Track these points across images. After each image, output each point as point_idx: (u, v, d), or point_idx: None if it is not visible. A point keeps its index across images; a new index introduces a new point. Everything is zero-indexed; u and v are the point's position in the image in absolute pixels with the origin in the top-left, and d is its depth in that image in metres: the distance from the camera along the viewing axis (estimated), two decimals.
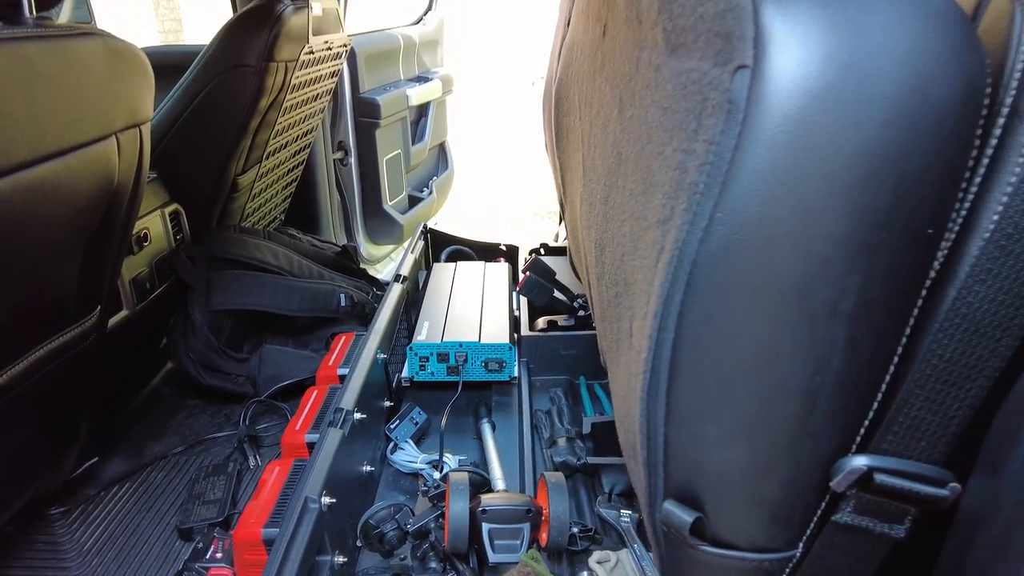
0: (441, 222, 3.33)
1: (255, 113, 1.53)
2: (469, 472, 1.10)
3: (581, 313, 1.60)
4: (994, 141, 0.42)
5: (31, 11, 0.79)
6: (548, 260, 1.63)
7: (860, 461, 0.47)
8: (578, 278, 1.59)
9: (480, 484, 1.13)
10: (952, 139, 0.40)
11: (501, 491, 1.13)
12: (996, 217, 0.41)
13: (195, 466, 1.38)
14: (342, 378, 1.37)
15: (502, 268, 1.82)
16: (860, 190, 0.40)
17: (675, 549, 0.55)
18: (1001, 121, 0.42)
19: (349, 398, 1.12)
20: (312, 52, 1.64)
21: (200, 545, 1.01)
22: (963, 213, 0.44)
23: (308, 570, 0.85)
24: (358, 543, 1.07)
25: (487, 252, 2.04)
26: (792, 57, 0.39)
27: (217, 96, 1.49)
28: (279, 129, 1.71)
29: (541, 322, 1.60)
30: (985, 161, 0.43)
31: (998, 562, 0.40)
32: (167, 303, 1.54)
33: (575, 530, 1.07)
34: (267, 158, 1.74)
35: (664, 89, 0.53)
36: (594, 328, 1.55)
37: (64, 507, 1.24)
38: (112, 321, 1.27)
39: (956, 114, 0.40)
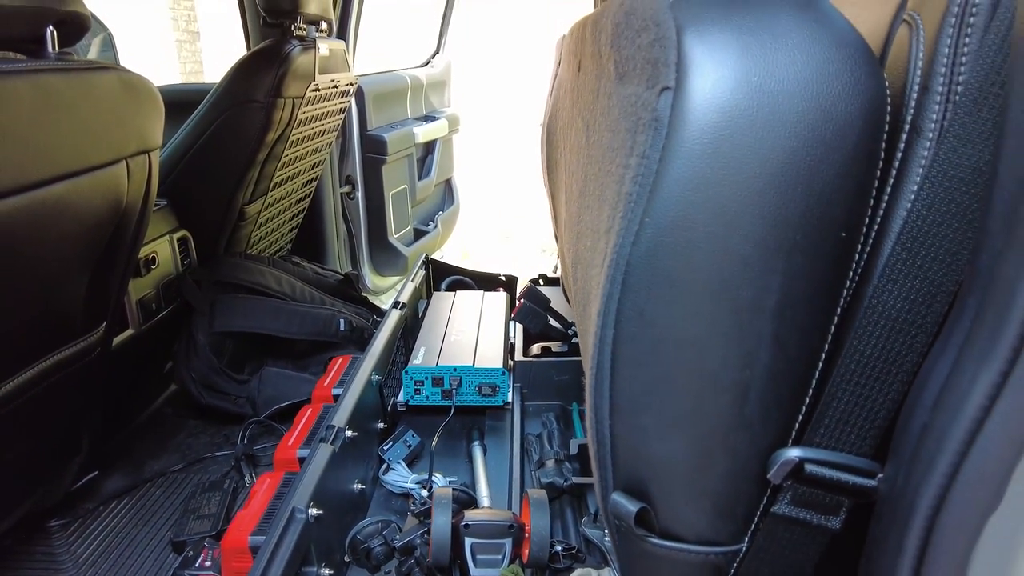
0: (449, 258, 3.40)
1: (262, 146, 1.61)
2: (456, 490, 1.12)
3: (574, 340, 1.63)
4: (899, 155, 0.47)
5: (54, 47, 0.86)
6: (545, 290, 1.68)
7: (792, 453, 0.50)
8: (570, 305, 1.63)
9: (466, 502, 1.16)
10: (856, 151, 0.45)
11: (485, 508, 1.15)
12: (901, 222, 0.46)
13: (193, 483, 1.41)
14: (336, 398, 1.40)
15: (500, 297, 1.86)
16: (772, 195, 0.44)
17: (627, 542, 0.58)
18: (904, 137, 0.47)
19: (341, 416, 1.15)
20: (318, 89, 1.72)
21: (191, 553, 1.04)
22: (878, 220, 0.48)
23: None
24: (346, 559, 1.09)
25: (487, 282, 2.08)
26: (709, 79, 0.44)
27: (227, 129, 1.57)
28: (286, 161, 1.79)
29: (535, 348, 1.64)
30: (893, 173, 0.47)
31: (905, 542, 0.43)
32: (172, 325, 1.60)
33: (559, 548, 1.09)
34: (274, 189, 1.82)
35: (613, 113, 0.58)
36: None
37: (63, 520, 1.27)
38: (117, 339, 1.32)
39: (858, 129, 0.44)
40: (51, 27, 0.84)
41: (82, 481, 1.31)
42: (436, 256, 2.26)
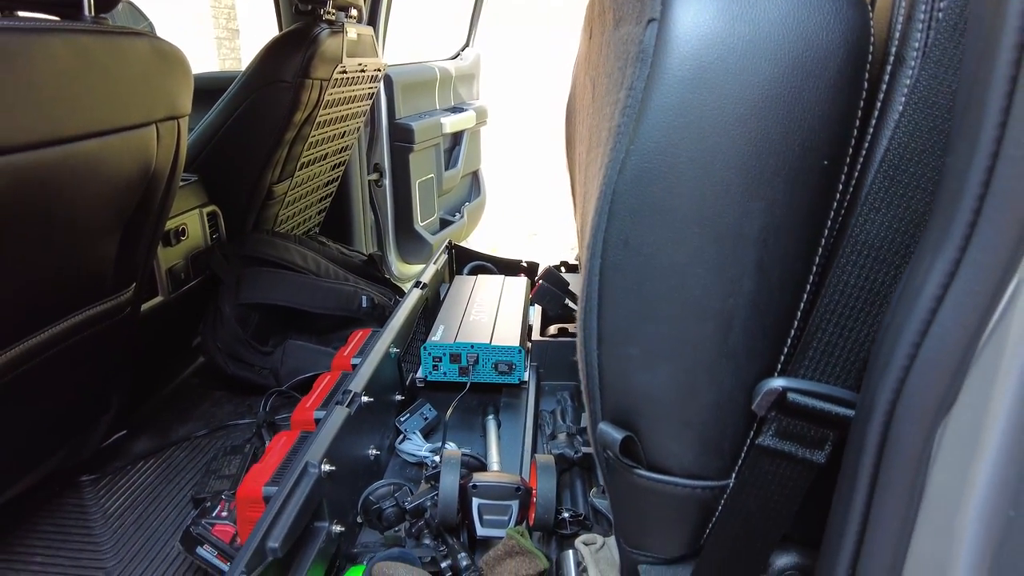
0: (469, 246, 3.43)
1: (290, 126, 1.66)
2: (466, 455, 1.14)
3: None
4: (884, 86, 0.48)
5: (91, 11, 0.91)
6: (567, 276, 1.69)
7: (776, 383, 0.51)
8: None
9: (476, 468, 1.18)
10: (838, 80, 0.46)
11: (495, 469, 1.17)
12: (882, 149, 0.46)
13: (215, 447, 1.46)
14: (355, 366, 1.44)
15: (520, 281, 1.88)
16: (753, 122, 0.45)
17: (616, 475, 0.60)
18: (889, 68, 0.47)
19: (359, 382, 1.18)
20: (345, 72, 1.77)
21: (208, 504, 1.08)
22: (863, 151, 0.49)
23: (302, 530, 0.89)
24: (358, 519, 1.11)
25: (508, 268, 2.10)
26: (691, 8, 0.46)
27: (256, 109, 1.62)
28: (313, 142, 1.83)
29: (553, 329, 1.65)
30: (878, 104, 0.48)
31: (865, 445, 0.43)
32: (200, 297, 1.65)
33: (566, 515, 1.10)
34: (301, 169, 1.87)
35: (610, 59, 0.60)
36: None
37: (93, 475, 1.33)
38: (147, 306, 1.38)
39: (839, 59, 0.45)
40: None
41: (111, 439, 1.36)
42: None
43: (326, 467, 0.96)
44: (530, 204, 5.79)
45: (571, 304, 1.66)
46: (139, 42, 0.96)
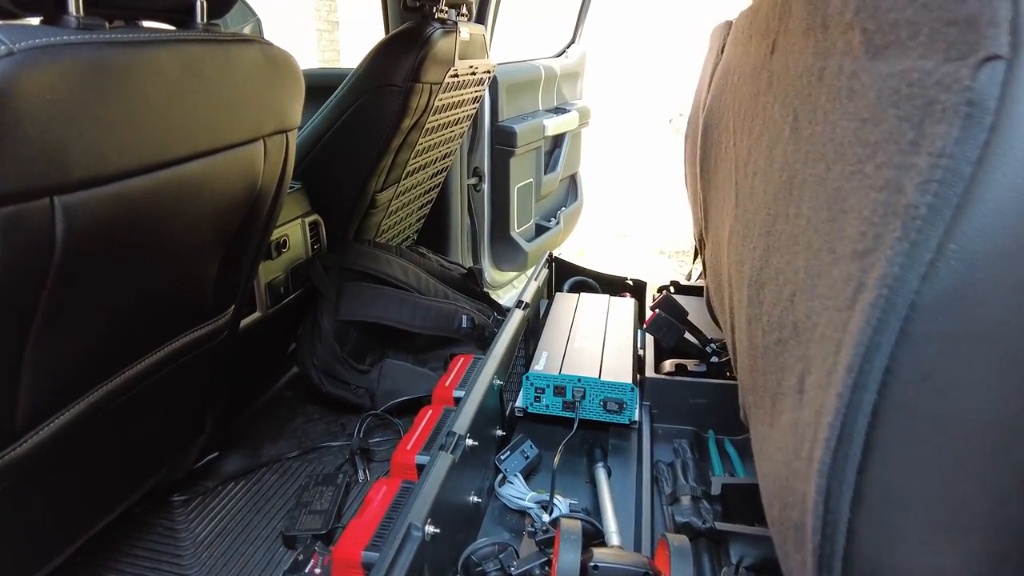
0: (564, 254, 3.30)
1: (398, 132, 1.56)
2: (582, 520, 1.01)
3: (714, 359, 1.47)
4: None
5: (202, 18, 0.83)
6: (679, 299, 1.53)
7: None
8: (715, 321, 1.47)
9: (592, 535, 1.04)
10: None
11: (615, 547, 1.03)
12: None
13: (306, 473, 1.39)
14: (457, 400, 1.34)
15: (627, 303, 1.73)
16: None
17: None
18: None
19: (463, 422, 1.08)
20: (457, 75, 1.66)
21: (301, 557, 1.00)
22: None
23: None
24: None
25: (612, 286, 1.96)
26: None
27: (363, 113, 1.54)
28: (419, 150, 1.74)
29: (668, 365, 1.49)
30: None
31: None
32: (298, 309, 1.59)
33: None
34: (406, 177, 1.78)
35: (863, 98, 0.44)
36: (730, 378, 1.42)
37: (185, 495, 1.28)
38: (245, 322, 1.31)
39: None
40: None
41: (204, 460, 1.31)
42: (555, 253, 2.17)
43: (430, 529, 0.86)
44: (619, 204, 5.60)
45: (691, 338, 1.49)
46: (250, 50, 0.87)
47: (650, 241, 5.02)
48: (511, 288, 3.00)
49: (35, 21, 0.66)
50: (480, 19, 2.26)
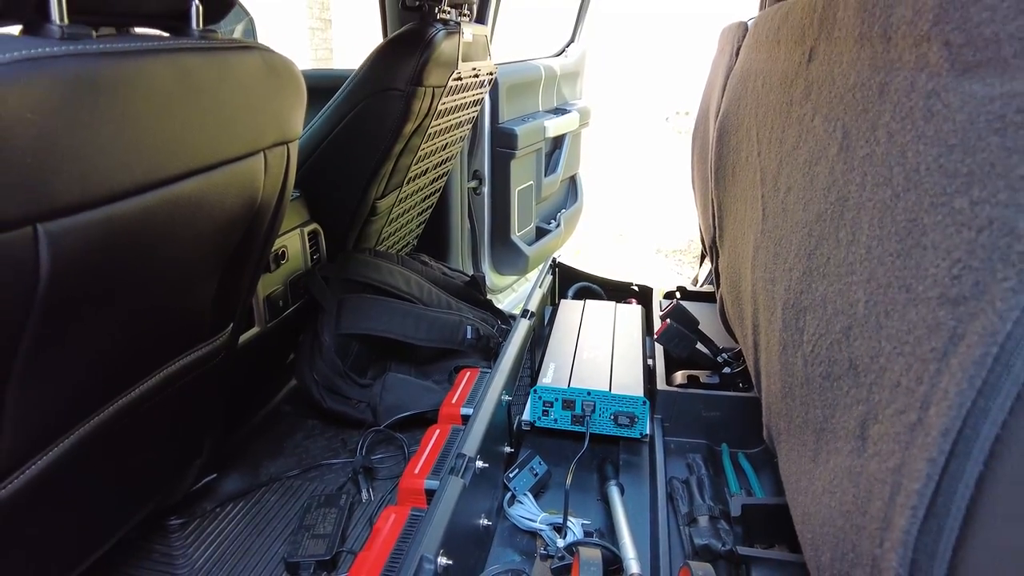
0: (562, 254, 3.26)
1: (400, 137, 1.51)
2: (600, 545, 0.97)
3: (727, 370, 1.43)
4: None
5: (198, 24, 0.77)
6: (687, 306, 1.49)
7: None
8: (728, 331, 1.42)
9: (609, 561, 1.00)
10: None
11: (635, 575, 0.99)
12: None
13: (308, 492, 1.34)
14: (465, 418, 1.29)
15: (634, 311, 1.69)
16: None
17: None
18: None
19: (472, 443, 1.03)
20: (460, 78, 1.60)
21: None
22: None
23: None
24: None
25: (617, 292, 1.92)
26: None
27: (364, 118, 1.48)
28: (421, 155, 1.69)
29: (680, 376, 1.45)
30: None
31: None
32: (297, 321, 1.54)
33: None
34: (407, 183, 1.73)
35: (949, 121, 0.39)
36: (743, 389, 1.38)
37: (182, 519, 1.23)
38: (243, 337, 1.26)
39: None
40: (197, 1, 0.74)
41: (201, 483, 1.26)
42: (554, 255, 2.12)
43: (443, 560, 0.82)
44: (615, 202, 5.56)
45: (703, 348, 1.45)
46: (250, 58, 0.81)
47: (647, 240, 4.98)
48: (511, 292, 2.95)
49: (14, 31, 0.60)
50: (480, 19, 2.20)
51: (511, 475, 1.21)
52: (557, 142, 2.97)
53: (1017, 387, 0.30)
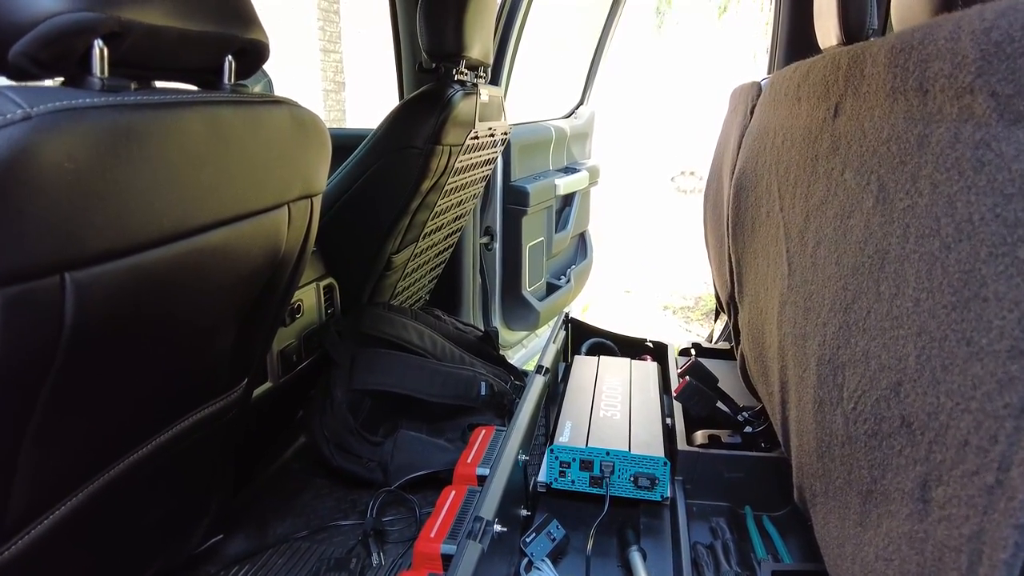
0: (571, 309, 3.25)
1: (417, 194, 1.53)
2: None
3: (748, 429, 1.39)
4: None
5: (230, 79, 0.79)
6: (704, 363, 1.46)
7: None
8: (749, 389, 1.39)
9: None
10: None
11: None
12: None
13: (317, 555, 1.29)
14: (481, 479, 1.25)
15: (650, 368, 1.67)
16: None
17: None
18: None
19: (490, 506, 0.99)
20: (477, 137, 1.63)
21: None
22: None
23: None
24: None
25: (632, 348, 1.89)
26: None
27: (382, 175, 1.50)
28: (437, 211, 1.70)
29: (700, 436, 1.41)
30: None
31: None
32: (309, 376, 1.52)
33: None
34: (423, 239, 1.74)
35: (1003, 171, 0.38)
36: (766, 449, 1.34)
37: None
38: (256, 392, 1.24)
39: None
40: (230, 57, 0.76)
41: (207, 544, 1.21)
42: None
43: None
44: (623, 259, 5.59)
45: (724, 407, 1.42)
46: (279, 112, 0.83)
47: (654, 297, 4.98)
48: (520, 348, 2.93)
49: (55, 83, 0.61)
50: (494, 80, 2.26)
51: (528, 539, 1.16)
52: (567, 200, 3.00)
53: None
